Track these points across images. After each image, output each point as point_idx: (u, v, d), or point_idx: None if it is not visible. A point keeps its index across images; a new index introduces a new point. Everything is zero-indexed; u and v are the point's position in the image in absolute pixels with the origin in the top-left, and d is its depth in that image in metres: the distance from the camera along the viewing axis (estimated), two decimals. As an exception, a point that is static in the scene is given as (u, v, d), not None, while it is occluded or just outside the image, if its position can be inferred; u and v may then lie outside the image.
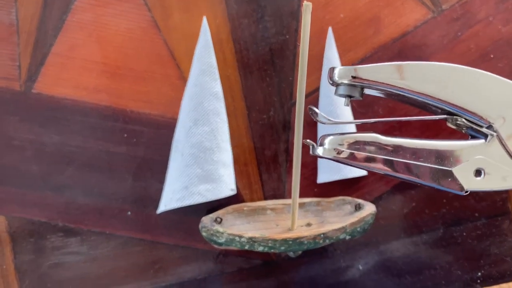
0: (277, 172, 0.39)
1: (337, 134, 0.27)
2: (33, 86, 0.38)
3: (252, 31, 0.39)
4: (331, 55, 0.39)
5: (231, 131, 0.38)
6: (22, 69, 0.38)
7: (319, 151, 0.26)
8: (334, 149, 0.26)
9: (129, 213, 0.38)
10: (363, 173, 0.38)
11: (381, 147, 0.27)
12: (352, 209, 0.37)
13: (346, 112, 0.38)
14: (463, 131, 0.28)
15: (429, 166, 0.27)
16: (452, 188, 0.26)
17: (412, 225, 0.40)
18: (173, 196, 0.36)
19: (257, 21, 0.39)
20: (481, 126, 0.27)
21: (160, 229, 0.38)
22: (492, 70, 0.39)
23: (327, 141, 0.26)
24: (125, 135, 0.38)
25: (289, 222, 0.36)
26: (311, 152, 0.26)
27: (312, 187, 0.39)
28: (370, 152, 0.27)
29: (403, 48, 0.40)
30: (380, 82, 0.27)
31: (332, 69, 0.27)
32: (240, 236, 0.34)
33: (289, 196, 0.39)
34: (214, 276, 0.38)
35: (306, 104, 0.39)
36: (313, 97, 0.39)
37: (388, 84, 0.27)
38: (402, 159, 0.27)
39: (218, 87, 0.37)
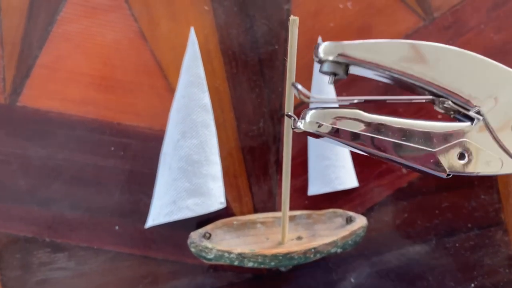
0: (267, 184, 0.38)
1: (320, 108, 0.26)
2: (18, 99, 0.37)
3: (240, 41, 0.38)
4: (321, 65, 0.38)
5: (220, 143, 0.38)
6: (7, 81, 0.37)
7: (300, 124, 0.25)
8: (316, 122, 0.25)
9: (117, 227, 0.38)
10: (354, 184, 0.38)
11: (364, 123, 0.26)
12: (344, 222, 0.37)
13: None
14: (451, 115, 0.28)
15: (411, 146, 0.26)
16: (434, 170, 0.26)
17: (404, 236, 0.39)
18: (161, 210, 0.35)
19: (245, 31, 0.38)
20: (468, 110, 0.26)
21: (149, 243, 0.38)
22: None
23: (308, 114, 0.25)
24: (113, 148, 0.38)
25: (279, 235, 0.36)
26: (292, 126, 0.25)
27: (303, 199, 0.39)
28: (352, 128, 0.26)
29: (394, 57, 0.39)
30: (367, 62, 0.26)
31: (317, 45, 0.26)
32: (229, 252, 0.34)
33: (280, 209, 0.38)
34: (204, 290, 0.38)
35: (296, 114, 0.38)
36: (303, 107, 0.39)
37: (375, 64, 0.26)
38: (385, 137, 0.26)
39: (206, 99, 0.36)
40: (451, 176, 0.26)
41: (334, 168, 0.37)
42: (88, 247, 0.37)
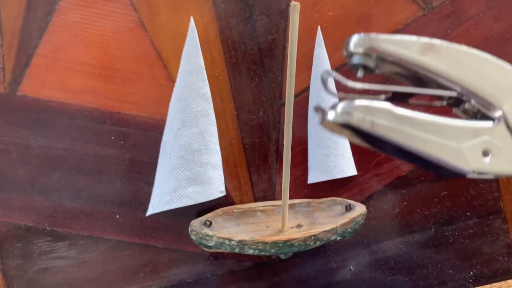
0: (267, 173, 0.39)
1: (350, 100, 0.25)
2: (18, 89, 0.37)
3: (240, 31, 0.38)
4: (321, 54, 0.38)
5: (220, 132, 0.38)
6: (7, 71, 0.37)
7: (330, 115, 0.25)
8: (347, 113, 0.25)
9: (117, 216, 0.38)
10: (353, 173, 0.38)
11: (393, 117, 0.26)
12: (343, 210, 0.37)
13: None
14: (471, 118, 0.28)
15: (440, 142, 0.26)
16: (461, 166, 0.26)
17: (403, 224, 0.39)
18: (161, 199, 0.35)
19: (245, 21, 0.38)
20: (490, 110, 0.27)
21: (149, 232, 0.38)
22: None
23: (340, 105, 0.25)
24: (113, 137, 0.38)
25: (279, 223, 0.36)
26: (320, 121, 0.25)
27: (303, 188, 0.39)
28: (384, 120, 0.26)
29: (394, 47, 0.39)
30: (397, 56, 0.26)
31: (348, 39, 0.26)
32: (230, 240, 0.34)
33: (280, 197, 0.38)
34: (204, 278, 0.38)
35: (296, 104, 0.39)
36: (303, 96, 0.39)
37: (405, 59, 0.26)
38: (413, 131, 0.26)
39: (206, 88, 0.37)
40: (475, 174, 0.26)
41: (333, 157, 0.37)
42: (88, 236, 0.37)
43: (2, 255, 0.37)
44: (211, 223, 0.35)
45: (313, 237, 0.34)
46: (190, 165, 0.35)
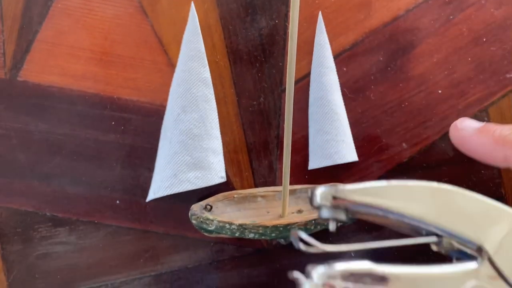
0: (267, 159, 0.38)
1: (327, 265, 0.25)
2: (18, 74, 0.37)
3: (241, 16, 0.38)
4: (322, 40, 0.38)
5: (221, 118, 0.38)
6: (7, 56, 0.37)
7: (307, 285, 0.24)
8: (323, 284, 0.24)
9: (118, 201, 0.38)
10: (354, 159, 0.38)
11: (377, 277, 0.26)
12: (344, 196, 0.36)
13: (337, 97, 0.38)
14: (452, 256, 0.28)
15: None
16: None
17: (404, 211, 0.39)
18: (162, 184, 0.35)
19: (246, 6, 0.38)
20: (471, 248, 0.26)
21: (150, 217, 0.38)
22: (484, 54, 0.39)
23: (316, 273, 0.24)
24: (113, 123, 0.38)
25: (280, 209, 0.36)
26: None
27: (303, 174, 0.39)
28: (364, 283, 0.25)
29: (395, 33, 0.39)
30: (367, 205, 0.26)
31: (312, 191, 0.26)
32: (231, 223, 0.34)
33: (280, 184, 0.38)
34: (205, 264, 0.38)
35: (297, 90, 0.38)
36: (303, 82, 0.39)
37: (376, 206, 0.26)
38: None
39: (206, 73, 0.37)
40: None
41: (334, 143, 0.37)
42: (89, 221, 0.37)
43: (2, 240, 0.37)
44: (211, 207, 0.35)
45: (313, 221, 0.34)
46: (190, 150, 0.35)
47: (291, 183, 0.37)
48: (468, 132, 0.30)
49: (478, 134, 0.30)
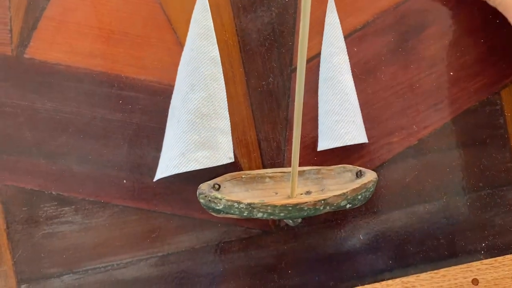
0: (276, 140, 0.38)
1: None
2: (25, 51, 0.37)
3: (250, -6, 0.38)
4: (332, 20, 0.37)
5: (229, 99, 0.37)
6: (14, 33, 0.37)
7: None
8: None
9: (125, 181, 0.37)
10: (364, 140, 0.37)
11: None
12: (353, 177, 0.36)
13: (347, 78, 0.37)
14: None
15: None
16: None
17: (414, 194, 0.39)
18: (169, 163, 0.35)
19: (256, -16, 0.38)
20: None
21: (156, 198, 0.37)
22: (497, 35, 0.39)
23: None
24: (120, 102, 0.37)
25: (288, 190, 0.35)
26: None
27: (312, 156, 0.38)
28: None
29: (405, 14, 0.39)
30: None
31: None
32: (239, 202, 0.33)
33: (289, 165, 0.38)
34: (212, 245, 0.38)
35: (307, 70, 0.38)
36: (313, 62, 0.38)
37: None
38: None
39: (215, 52, 0.36)
40: None
41: (344, 124, 0.37)
42: (95, 201, 0.37)
43: (8, 219, 0.37)
44: (219, 186, 0.35)
45: (323, 202, 0.34)
46: (198, 129, 0.35)
47: (299, 165, 0.37)
48: None
49: None
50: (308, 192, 0.36)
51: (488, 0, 0.35)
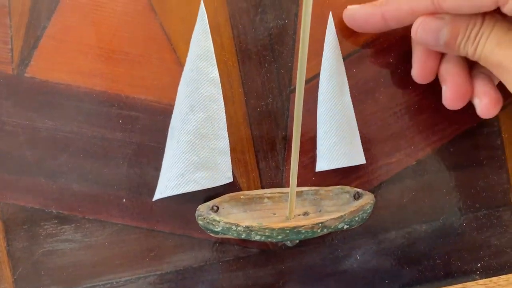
0: (274, 160, 0.38)
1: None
2: (26, 70, 0.37)
3: (250, 16, 0.38)
4: (332, 41, 0.38)
5: (228, 118, 0.37)
6: (15, 52, 0.37)
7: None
8: None
9: (124, 200, 0.37)
10: (362, 161, 0.37)
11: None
12: (351, 198, 0.36)
13: (346, 99, 0.37)
14: None
15: None
16: None
17: (411, 214, 0.39)
18: (168, 183, 0.35)
19: (256, 5, 0.38)
20: None
21: (156, 217, 0.38)
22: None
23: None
24: (120, 121, 0.37)
25: (286, 211, 0.36)
26: None
27: (310, 176, 0.38)
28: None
29: (406, 34, 0.39)
30: None
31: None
32: (237, 225, 0.34)
33: (287, 185, 0.38)
34: (210, 264, 0.38)
35: (305, 91, 0.38)
36: (312, 83, 0.38)
37: None
38: None
39: (215, 73, 0.36)
40: None
41: (342, 145, 0.37)
42: (95, 219, 0.37)
43: (8, 237, 0.37)
44: (218, 208, 0.35)
45: (320, 225, 0.34)
46: (198, 150, 0.35)
47: (298, 185, 0.37)
48: (353, 9, 0.36)
49: (361, 5, 0.36)
50: (306, 213, 0.36)
51: (469, 55, 0.33)
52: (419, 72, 0.36)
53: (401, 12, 0.33)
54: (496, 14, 0.31)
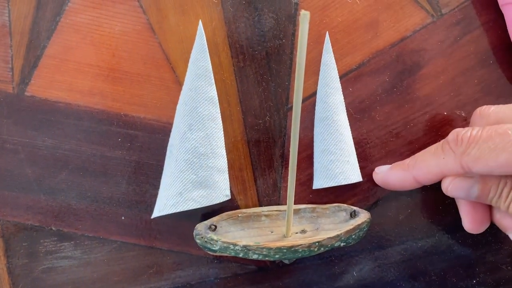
0: (272, 177, 0.39)
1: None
2: (26, 89, 0.38)
3: (248, 35, 0.38)
4: (328, 60, 0.38)
5: (226, 136, 0.38)
6: (15, 71, 0.38)
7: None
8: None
9: (123, 217, 0.38)
10: (359, 179, 0.38)
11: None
12: (347, 216, 0.37)
13: (342, 118, 0.38)
14: None
15: None
16: None
17: (407, 231, 0.39)
18: (167, 202, 0.36)
19: (253, 25, 0.38)
20: None
21: (154, 234, 0.38)
22: (491, 76, 0.39)
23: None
24: (120, 139, 0.38)
25: (284, 228, 0.36)
26: None
27: (307, 193, 0.39)
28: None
29: (401, 53, 0.39)
30: None
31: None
32: (235, 244, 0.34)
33: (285, 202, 0.38)
34: (208, 281, 0.38)
35: (303, 109, 0.39)
36: (309, 101, 0.39)
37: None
38: None
39: (213, 92, 0.37)
40: None
41: (339, 163, 0.37)
42: (94, 236, 0.38)
43: (8, 254, 0.37)
44: (216, 227, 0.35)
45: (317, 244, 0.34)
46: (196, 169, 0.36)
47: (295, 202, 0.38)
48: (385, 172, 0.37)
49: (391, 170, 0.36)
50: (303, 231, 0.37)
51: (502, 210, 0.32)
52: (471, 226, 0.35)
53: (431, 175, 0.33)
54: None
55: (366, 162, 0.39)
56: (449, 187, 0.32)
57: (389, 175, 0.36)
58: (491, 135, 0.28)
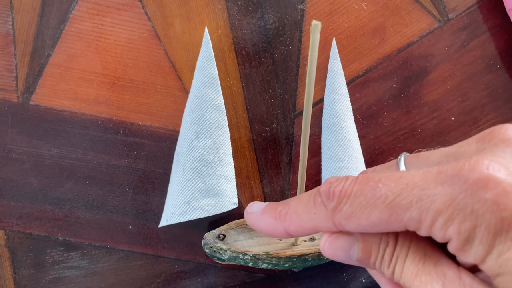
0: (279, 185, 0.38)
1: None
2: (31, 98, 0.37)
3: (254, 42, 0.38)
4: (335, 66, 0.38)
5: (233, 144, 0.38)
6: (20, 80, 0.37)
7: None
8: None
9: (130, 227, 0.38)
10: (367, 186, 0.38)
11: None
12: (356, 224, 0.37)
13: (350, 124, 0.38)
14: None
15: None
16: None
17: (415, 238, 0.39)
18: (174, 210, 0.35)
19: (259, 32, 0.38)
20: None
21: (161, 243, 0.38)
22: (499, 81, 0.39)
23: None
24: (126, 148, 0.38)
25: (292, 236, 0.36)
26: None
27: (316, 200, 0.38)
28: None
29: (408, 58, 0.39)
30: None
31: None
32: (244, 254, 0.34)
33: (292, 209, 0.38)
34: (216, 290, 0.38)
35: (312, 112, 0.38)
36: (316, 108, 0.38)
37: None
38: None
39: (220, 99, 0.36)
40: None
41: (347, 170, 0.37)
42: (101, 246, 0.37)
43: (15, 264, 0.37)
44: (224, 236, 0.35)
45: (326, 252, 0.34)
46: (203, 177, 0.35)
47: (303, 210, 0.37)
48: (256, 215, 0.30)
49: (263, 214, 0.30)
50: (311, 239, 0.36)
51: (388, 277, 0.24)
52: None
53: (304, 230, 0.27)
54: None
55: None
56: (325, 246, 0.27)
57: (260, 221, 0.30)
58: (362, 189, 0.25)
